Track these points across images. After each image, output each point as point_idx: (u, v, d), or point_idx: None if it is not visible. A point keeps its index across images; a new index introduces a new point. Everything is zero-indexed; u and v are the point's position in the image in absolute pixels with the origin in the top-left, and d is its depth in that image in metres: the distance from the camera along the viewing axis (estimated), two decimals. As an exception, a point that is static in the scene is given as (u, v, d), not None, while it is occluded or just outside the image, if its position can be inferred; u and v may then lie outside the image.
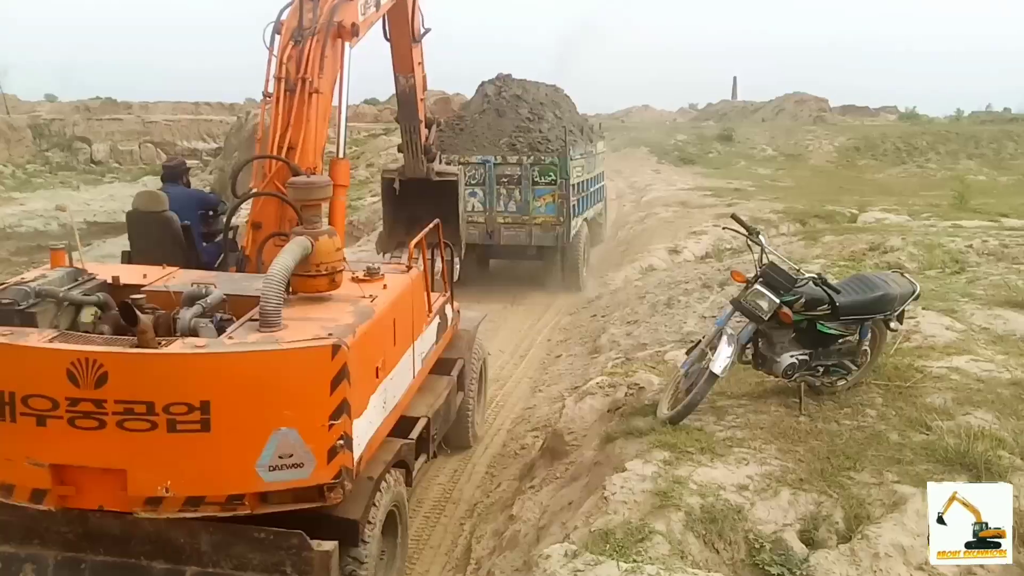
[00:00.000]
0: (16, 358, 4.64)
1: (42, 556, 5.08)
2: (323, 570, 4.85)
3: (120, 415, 4.49)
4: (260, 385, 4.59)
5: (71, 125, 48.71)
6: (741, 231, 5.95)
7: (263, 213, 6.29)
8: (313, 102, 6.30)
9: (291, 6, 6.48)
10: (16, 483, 4.77)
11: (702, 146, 40.22)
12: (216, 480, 4.68)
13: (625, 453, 5.32)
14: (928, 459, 4.85)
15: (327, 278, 5.37)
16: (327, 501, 4.84)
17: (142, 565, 4.98)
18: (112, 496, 4.72)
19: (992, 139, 38.70)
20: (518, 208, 14.58)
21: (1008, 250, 11.74)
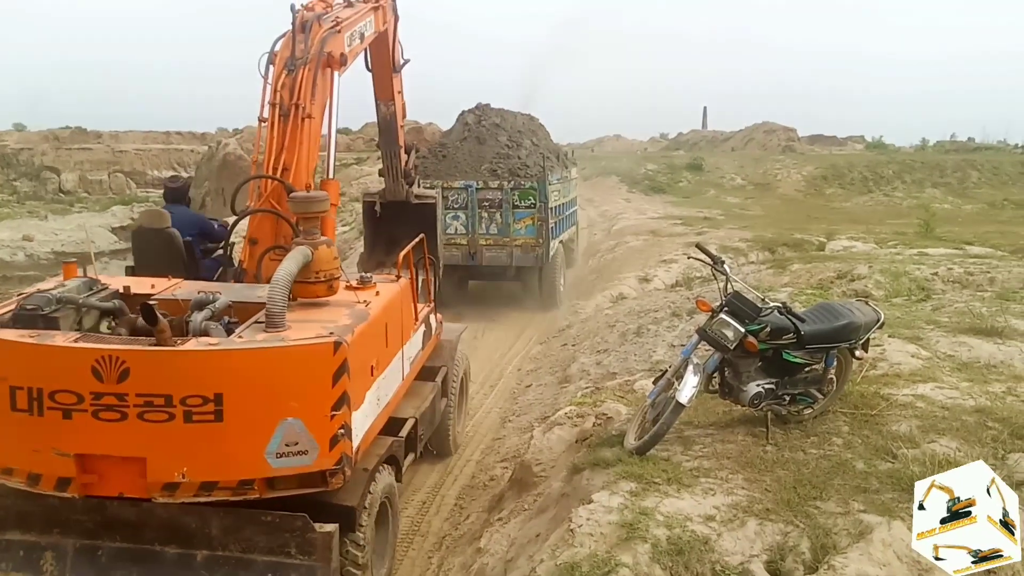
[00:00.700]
0: (44, 357, 5.08)
1: (62, 544, 5.44)
2: (325, 550, 5.23)
3: (140, 407, 4.94)
4: (268, 379, 5.05)
5: (40, 154, 48.33)
6: (706, 260, 5.98)
7: (260, 230, 6.74)
8: (305, 126, 6.76)
9: (284, 37, 6.93)
10: (43, 472, 5.17)
11: (672, 175, 40.53)
12: (228, 466, 5.10)
13: (592, 484, 5.28)
14: (894, 488, 4.85)
15: (325, 284, 5.89)
16: (329, 486, 5.26)
17: (156, 551, 5.37)
18: (132, 483, 5.13)
19: (956, 168, 39.35)
20: (499, 230, 15.26)
21: (972, 278, 11.89)
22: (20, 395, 5.07)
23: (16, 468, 5.27)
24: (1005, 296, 10.31)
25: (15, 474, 5.29)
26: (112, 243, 36.01)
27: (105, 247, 35.01)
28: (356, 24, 7.62)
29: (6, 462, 5.29)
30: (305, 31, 6.92)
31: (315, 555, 5.26)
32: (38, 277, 28.94)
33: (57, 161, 48.07)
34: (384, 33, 8.45)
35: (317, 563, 5.27)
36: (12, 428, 5.16)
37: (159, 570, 5.39)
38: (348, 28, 7.38)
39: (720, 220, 25.57)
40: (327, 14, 7.23)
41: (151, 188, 48.20)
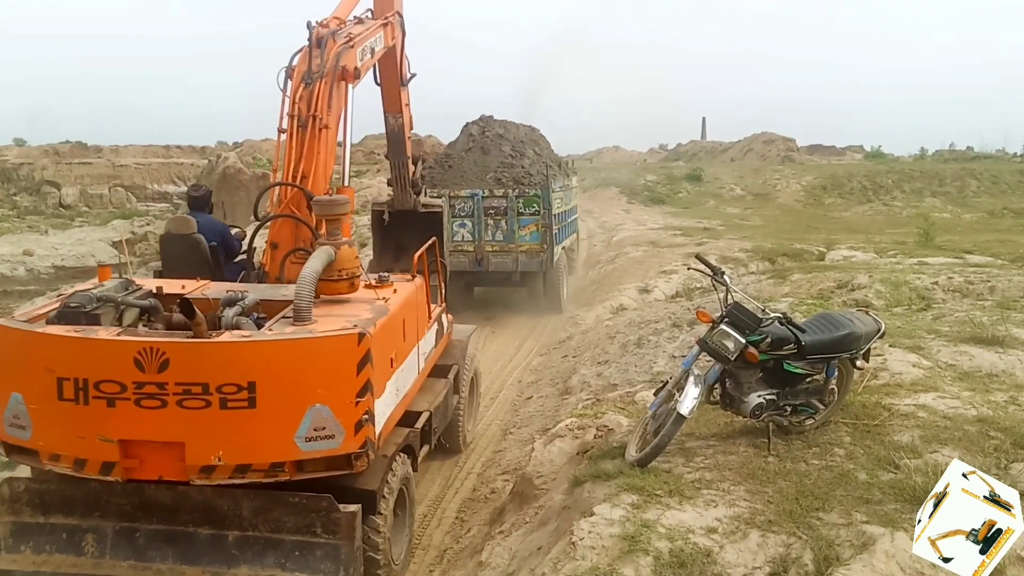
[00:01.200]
0: (89, 350, 5.44)
1: (102, 527, 5.83)
2: (349, 529, 5.58)
3: (179, 395, 5.30)
4: (298, 368, 5.42)
5: (40, 169, 48.32)
6: (706, 271, 5.97)
7: (280, 234, 7.20)
8: (323, 136, 7.23)
9: (300, 52, 7.37)
10: (88, 458, 5.52)
11: (672, 186, 40.60)
12: (261, 450, 5.45)
13: (593, 497, 5.26)
14: (897, 498, 4.83)
15: (347, 282, 6.38)
16: (354, 469, 5.61)
17: (190, 532, 5.74)
18: (171, 466, 5.49)
19: (955, 177, 39.40)
20: (505, 237, 15.84)
21: (973, 287, 11.88)
22: (67, 386, 5.42)
23: (63, 454, 5.61)
24: (1006, 305, 10.30)
25: (62, 460, 5.63)
26: (112, 257, 36.01)
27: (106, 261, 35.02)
28: (367, 39, 8.01)
29: (54, 448, 5.63)
30: (321, 46, 7.34)
31: (339, 534, 5.60)
32: (38, 292, 28.97)
33: (57, 175, 48.04)
34: (392, 48, 8.89)
35: (341, 542, 5.60)
36: (59, 417, 5.51)
37: (193, 551, 5.73)
38: (360, 43, 7.76)
39: (720, 230, 25.59)
40: (341, 30, 7.61)
41: (151, 202, 48.25)
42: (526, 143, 18.10)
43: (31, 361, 5.62)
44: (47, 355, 5.56)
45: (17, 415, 5.66)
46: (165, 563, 5.76)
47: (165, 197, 48.74)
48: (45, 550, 5.90)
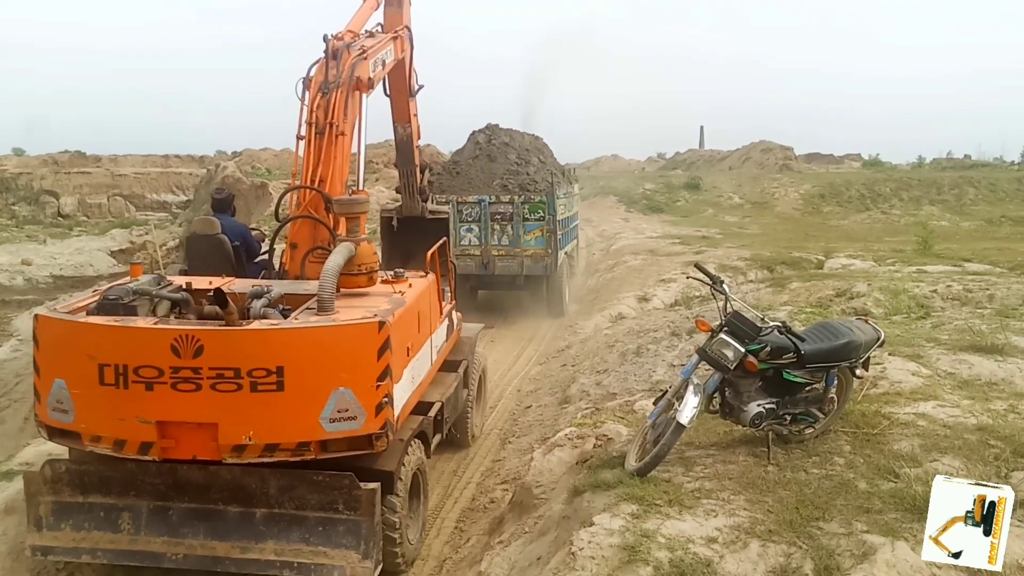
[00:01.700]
0: (129, 338, 5.86)
1: (137, 506, 6.22)
2: (369, 506, 5.96)
3: (213, 379, 5.69)
4: (323, 354, 5.82)
5: (38, 179, 48.29)
6: (705, 280, 5.96)
7: (299, 235, 7.62)
8: (339, 142, 7.65)
9: (317, 64, 7.79)
10: (127, 438, 5.90)
11: (670, 194, 40.66)
12: (288, 430, 5.83)
13: (593, 507, 5.24)
14: (897, 508, 4.81)
15: (366, 276, 6.86)
16: (375, 448, 5.99)
17: (220, 510, 6.14)
18: (205, 446, 5.84)
19: (953, 185, 39.45)
20: (511, 242, 16.40)
21: (971, 295, 11.88)
22: (108, 371, 5.81)
23: (104, 435, 5.98)
24: (1005, 313, 10.30)
25: (103, 441, 6.00)
26: (111, 267, 35.95)
27: (104, 270, 34.98)
28: (379, 52, 8.43)
29: (95, 431, 5.99)
30: (336, 58, 7.77)
31: (360, 510, 5.98)
32: (37, 301, 28.89)
33: (56, 185, 48.01)
34: (402, 61, 9.34)
35: (362, 518, 5.98)
36: (100, 400, 5.89)
37: (223, 527, 6.13)
38: (372, 55, 8.18)
39: (718, 239, 25.61)
40: (355, 43, 8.04)
41: (150, 211, 48.23)
42: (531, 151, 18.62)
43: (74, 349, 6.02)
44: (89, 343, 5.94)
45: (60, 400, 6.06)
46: (197, 539, 6.14)
47: (164, 206, 48.71)
48: (84, 527, 6.26)
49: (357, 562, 5.98)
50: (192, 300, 6.51)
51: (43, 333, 6.26)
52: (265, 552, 6.07)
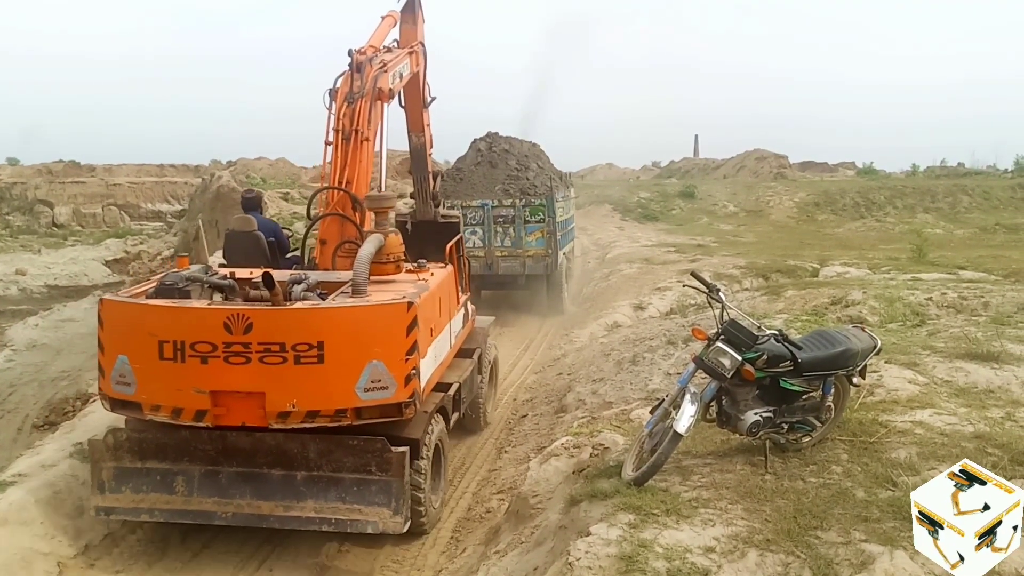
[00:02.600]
0: (187, 317, 6.69)
1: (190, 470, 7.00)
2: (399, 467, 6.72)
3: (261, 353, 6.47)
4: (358, 330, 6.63)
5: (33, 188, 48.17)
6: (701, 288, 5.94)
7: (328, 231, 8.40)
8: (364, 147, 8.36)
9: (343, 76, 8.51)
10: (184, 407, 6.66)
11: (665, 203, 40.71)
12: (328, 398, 6.58)
13: (590, 516, 5.21)
14: (895, 516, 4.79)
15: (394, 265, 7.85)
16: (403, 415, 6.78)
17: (264, 473, 6.90)
18: (253, 413, 6.60)
19: (947, 193, 39.54)
20: (512, 243, 17.37)
21: (967, 302, 11.89)
22: (167, 347, 6.58)
23: (163, 405, 6.72)
24: (1000, 320, 10.30)
25: (162, 410, 6.74)
26: (106, 276, 35.83)
27: (99, 280, 34.85)
28: (397, 65, 9.15)
29: (155, 400, 6.74)
30: (360, 71, 8.47)
31: (391, 471, 6.73)
32: (31, 311, 28.76)
33: (50, 195, 47.87)
34: (417, 74, 10.05)
35: (393, 478, 6.74)
36: (160, 373, 6.66)
37: (267, 488, 6.87)
38: (391, 68, 8.89)
39: (713, 247, 25.63)
40: (376, 57, 8.74)
41: (145, 220, 48.11)
42: (529, 157, 19.50)
43: (136, 328, 6.79)
44: (151, 323, 6.72)
45: (123, 374, 6.80)
46: (244, 499, 6.89)
47: (159, 216, 48.61)
48: (142, 490, 7.03)
49: (388, 517, 6.76)
50: (237, 286, 7.24)
51: (107, 315, 7.05)
52: (305, 510, 6.82)
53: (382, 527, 6.77)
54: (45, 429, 13.23)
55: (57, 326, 26.97)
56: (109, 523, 7.34)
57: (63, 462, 7.83)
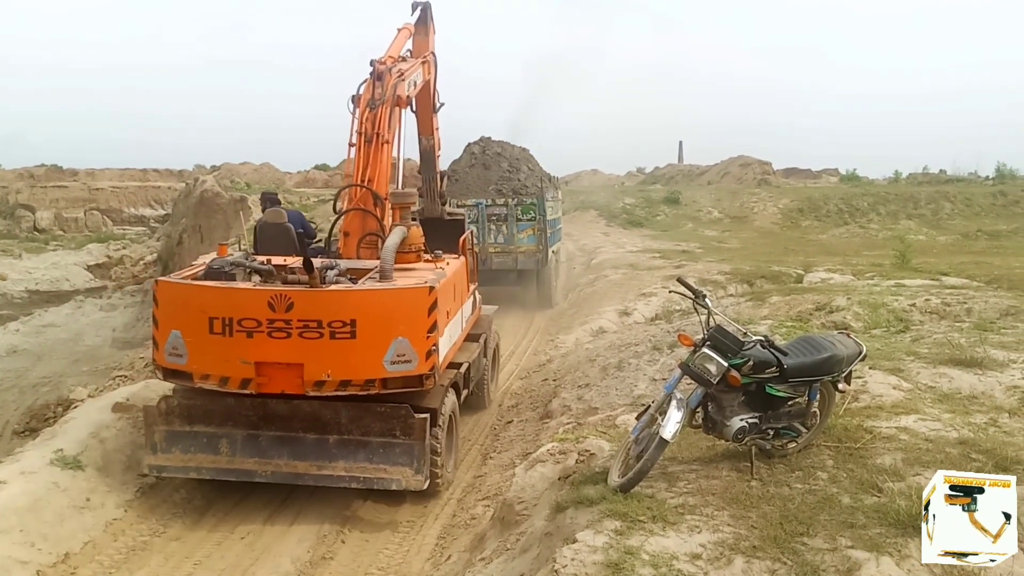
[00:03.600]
0: (234, 297, 7.64)
1: (233, 433, 7.86)
2: (421, 431, 7.66)
3: (301, 328, 7.41)
4: (386, 310, 7.61)
5: (14, 192, 47.90)
6: (687, 294, 5.93)
7: (351, 225, 9.32)
8: (384, 149, 9.28)
9: (365, 84, 9.40)
10: (231, 376, 7.59)
11: (650, 209, 40.77)
12: (359, 370, 7.51)
13: (576, 523, 5.18)
14: (881, 522, 4.78)
15: (415, 254, 8.98)
16: (423, 386, 7.74)
17: (300, 436, 7.78)
18: (292, 382, 7.50)
19: (930, 200, 39.76)
20: (505, 240, 18.53)
21: (950, 308, 11.94)
22: (216, 323, 7.50)
23: (211, 374, 7.65)
24: (983, 326, 10.34)
25: (210, 379, 7.67)
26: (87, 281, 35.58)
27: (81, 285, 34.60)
28: (412, 74, 10.04)
29: (204, 370, 7.67)
30: (381, 79, 9.37)
31: (413, 435, 7.66)
32: (11, 316, 28.51)
33: (32, 199, 47.59)
34: (428, 82, 11.03)
35: (415, 441, 7.65)
36: (210, 346, 7.57)
37: (302, 450, 7.76)
38: (408, 76, 9.78)
39: (698, 253, 25.69)
40: (394, 67, 9.66)
41: (127, 225, 47.85)
42: (520, 160, 20.79)
43: (189, 306, 7.70)
44: (202, 301, 7.64)
45: (176, 347, 7.69)
46: (281, 460, 7.76)
47: (142, 220, 48.38)
48: (190, 451, 7.89)
49: (411, 476, 7.67)
50: (275, 272, 8.05)
51: (162, 294, 7.93)
52: (336, 469, 7.70)
53: (405, 484, 7.68)
54: (26, 435, 13.12)
55: (38, 331, 26.79)
56: (88, 530, 7.42)
57: (43, 469, 7.73)
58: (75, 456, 8.03)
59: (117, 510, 7.83)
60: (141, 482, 8.35)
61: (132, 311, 29.46)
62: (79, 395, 14.69)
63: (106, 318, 28.62)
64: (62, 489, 7.54)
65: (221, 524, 7.86)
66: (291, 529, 7.71)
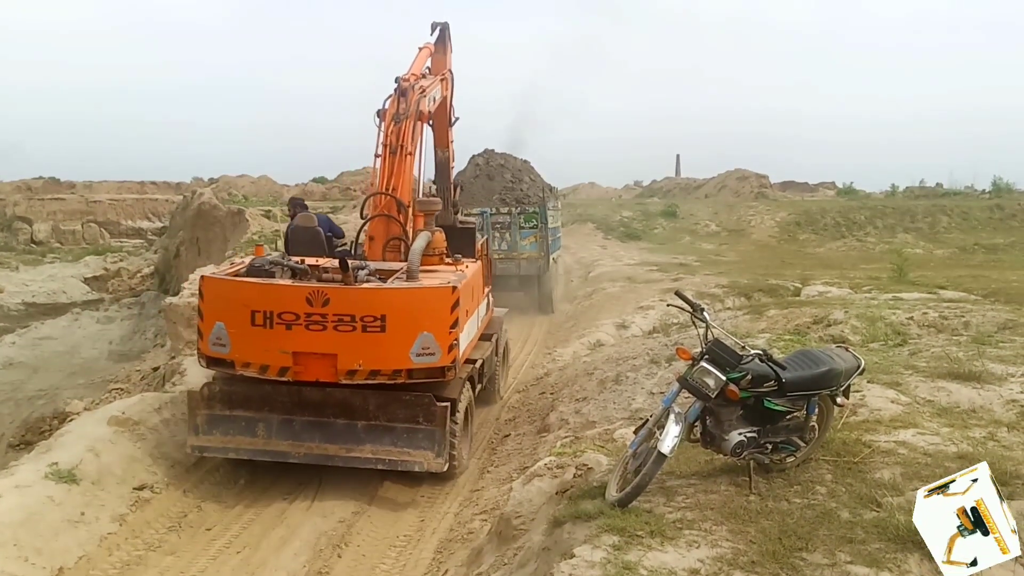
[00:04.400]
0: (276, 292, 8.36)
1: (269, 418, 8.55)
2: (443, 418, 8.39)
3: (335, 322, 8.12)
4: (413, 307, 8.33)
5: (11, 205, 47.88)
6: (685, 308, 5.92)
7: (376, 230, 10.13)
8: (407, 160, 10.02)
9: (390, 99, 10.08)
10: (270, 364, 8.31)
11: (647, 222, 40.87)
12: (387, 360, 8.23)
13: (574, 538, 5.15)
14: (880, 537, 4.75)
15: (437, 257, 9.79)
16: (445, 377, 8.48)
17: (330, 421, 8.48)
18: (327, 371, 8.24)
19: (927, 213, 39.86)
20: (509, 247, 19.42)
21: (947, 322, 11.92)
22: (258, 315, 8.22)
23: (252, 362, 8.36)
24: (981, 340, 10.32)
25: (251, 367, 8.36)
26: (84, 294, 35.53)
27: (78, 297, 34.54)
28: (432, 91, 10.88)
29: (246, 359, 8.37)
30: (405, 95, 10.06)
31: (435, 422, 8.38)
32: (8, 329, 28.44)
33: (29, 211, 47.56)
34: (446, 97, 11.91)
35: (436, 427, 8.38)
36: (251, 337, 8.28)
37: (333, 434, 8.45)
38: (428, 93, 10.62)
39: (696, 266, 25.72)
40: (417, 83, 10.38)
41: (125, 238, 47.82)
42: (522, 171, 21.82)
43: (232, 300, 8.41)
44: (245, 296, 8.35)
45: (219, 337, 8.40)
46: (313, 442, 8.44)
47: (139, 233, 48.35)
48: (230, 433, 8.59)
49: (432, 459, 8.36)
50: (309, 271, 8.87)
51: (207, 289, 8.68)
52: (364, 452, 8.38)
53: (427, 466, 8.36)
54: (21, 449, 13.07)
55: (34, 344, 26.76)
56: (82, 544, 7.34)
57: (38, 483, 7.68)
58: (70, 470, 7.98)
59: (112, 524, 7.77)
60: (136, 496, 8.31)
61: (129, 324, 29.43)
62: (75, 408, 14.66)
63: (103, 331, 28.60)
64: (56, 503, 7.48)
65: (216, 539, 7.81)
66: (287, 545, 7.65)
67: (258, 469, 8.99)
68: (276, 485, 8.90)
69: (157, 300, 28.37)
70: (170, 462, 9.07)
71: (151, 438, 9.17)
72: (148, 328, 27.01)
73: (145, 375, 16.96)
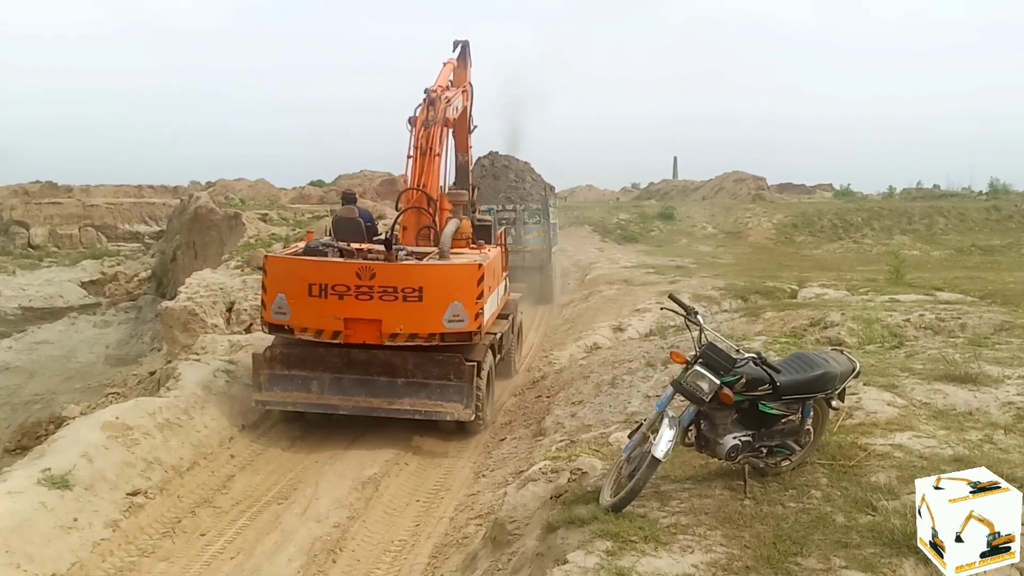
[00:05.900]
0: (330, 268, 10.08)
1: (321, 376, 10.20)
2: (471, 375, 10.03)
3: (380, 293, 9.78)
4: (446, 281, 10.04)
5: (8, 209, 47.76)
6: (679, 311, 5.89)
7: (408, 220, 12.04)
8: (436, 161, 11.86)
9: (420, 107, 11.89)
10: (324, 329, 10.01)
11: (644, 224, 40.82)
12: (424, 326, 9.88)
13: (567, 543, 5.12)
14: (875, 542, 4.73)
15: (465, 241, 11.76)
16: (472, 342, 10.18)
17: (374, 379, 10.12)
18: (372, 334, 9.86)
19: (924, 215, 39.85)
20: (514, 241, 20.34)
21: (944, 324, 11.90)
22: (314, 288, 9.89)
23: (309, 328, 10.04)
24: (977, 342, 10.28)
25: (308, 331, 10.03)
26: (82, 298, 35.47)
27: (75, 301, 34.48)
28: (455, 101, 12.75)
29: (303, 324, 10.04)
30: (433, 104, 11.86)
31: (464, 378, 10.02)
32: (4, 333, 28.37)
33: (26, 215, 47.42)
34: (466, 107, 13.86)
35: (465, 383, 10.01)
36: (308, 306, 9.96)
37: (377, 389, 10.10)
38: (453, 102, 12.53)
39: (692, 268, 25.69)
40: (443, 94, 12.16)
41: (122, 241, 47.71)
42: (525, 171, 23.89)
43: (292, 275, 10.16)
44: (304, 271, 10.11)
45: (280, 307, 10.05)
46: (360, 397, 10.06)
47: (136, 237, 48.25)
48: (288, 390, 10.24)
49: (461, 410, 10.03)
50: (355, 252, 10.61)
51: (271, 267, 10.48)
52: (403, 405, 10.02)
53: (457, 416, 10.04)
54: (17, 453, 13.02)
55: (31, 348, 26.73)
56: (75, 551, 7.28)
57: (30, 489, 7.62)
58: (63, 475, 7.93)
59: (105, 530, 7.73)
60: (129, 502, 8.27)
61: (125, 328, 29.38)
62: (71, 412, 14.63)
63: (100, 335, 28.56)
64: (49, 509, 7.44)
65: (210, 545, 7.77)
66: (281, 550, 7.63)
67: (254, 473, 8.95)
68: (270, 490, 8.87)
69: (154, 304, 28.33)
70: (164, 467, 9.03)
71: (145, 443, 9.11)
72: (145, 332, 26.99)
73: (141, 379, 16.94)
